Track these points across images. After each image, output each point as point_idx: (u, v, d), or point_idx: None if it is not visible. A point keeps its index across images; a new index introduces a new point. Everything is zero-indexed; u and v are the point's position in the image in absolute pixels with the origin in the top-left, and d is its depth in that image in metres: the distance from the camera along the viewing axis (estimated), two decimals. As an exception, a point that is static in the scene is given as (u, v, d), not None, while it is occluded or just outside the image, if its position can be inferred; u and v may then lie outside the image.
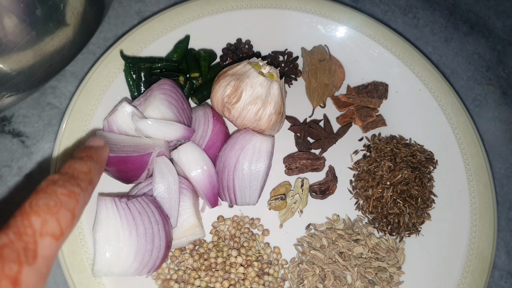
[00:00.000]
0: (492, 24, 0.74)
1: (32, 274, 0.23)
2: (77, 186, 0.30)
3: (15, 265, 0.23)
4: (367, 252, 0.53)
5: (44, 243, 0.25)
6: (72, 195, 0.29)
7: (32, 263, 0.24)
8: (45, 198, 0.27)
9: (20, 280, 0.23)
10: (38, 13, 0.46)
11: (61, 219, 0.27)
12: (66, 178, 0.29)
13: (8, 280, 0.22)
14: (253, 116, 0.53)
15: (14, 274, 0.22)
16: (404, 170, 0.56)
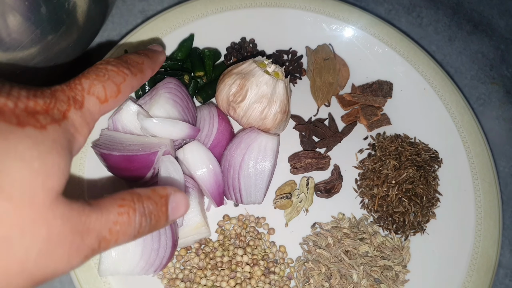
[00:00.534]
0: (496, 23, 0.74)
1: (78, 116, 0.27)
2: (127, 68, 0.33)
3: (65, 104, 0.26)
4: (372, 250, 0.53)
5: (90, 100, 0.28)
6: (120, 73, 0.32)
7: (79, 108, 0.27)
8: (95, 70, 0.31)
9: (67, 116, 0.26)
10: (43, 11, 0.46)
11: (106, 88, 0.30)
12: (118, 61, 0.33)
13: (59, 112, 0.25)
14: (259, 115, 0.53)
15: (63, 109, 0.26)
16: (409, 169, 0.56)
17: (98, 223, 0.25)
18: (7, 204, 0.20)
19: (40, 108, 0.24)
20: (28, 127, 0.23)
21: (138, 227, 0.28)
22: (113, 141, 0.50)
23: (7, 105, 0.23)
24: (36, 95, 0.25)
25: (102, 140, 0.50)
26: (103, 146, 0.49)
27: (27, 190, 0.21)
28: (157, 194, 0.31)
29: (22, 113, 0.23)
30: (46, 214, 0.22)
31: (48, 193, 0.22)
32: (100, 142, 0.50)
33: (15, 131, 0.22)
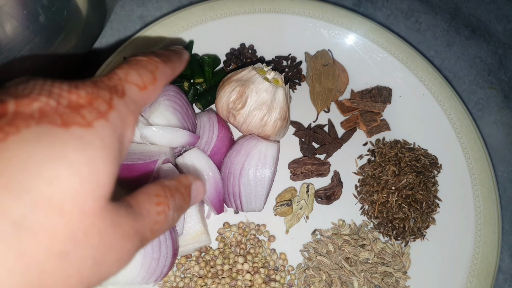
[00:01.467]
0: (493, 28, 0.74)
1: (122, 105, 0.25)
2: (156, 56, 0.32)
3: (108, 93, 0.25)
4: (373, 257, 0.53)
5: (130, 88, 0.27)
6: (151, 61, 0.31)
7: (121, 96, 0.26)
8: (126, 61, 0.30)
9: (112, 105, 0.24)
10: (42, 19, 0.46)
11: (142, 75, 0.29)
12: (146, 52, 0.32)
13: (104, 102, 0.24)
14: (259, 122, 0.53)
15: (107, 99, 0.24)
16: (408, 175, 0.56)
17: (142, 226, 0.25)
18: (59, 219, 0.20)
19: (84, 100, 0.23)
20: (74, 126, 0.21)
21: (171, 222, 0.28)
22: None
23: (49, 104, 0.22)
24: (78, 87, 0.24)
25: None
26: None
27: (78, 201, 0.20)
28: (183, 185, 0.30)
29: (65, 110, 0.22)
30: (97, 224, 0.21)
31: (98, 202, 0.21)
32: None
33: (61, 134, 0.21)
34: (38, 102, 0.21)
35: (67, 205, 0.20)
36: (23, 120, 0.20)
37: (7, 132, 0.19)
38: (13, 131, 0.20)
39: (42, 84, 0.23)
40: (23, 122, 0.20)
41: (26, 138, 0.20)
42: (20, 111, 0.21)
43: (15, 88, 0.22)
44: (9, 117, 0.20)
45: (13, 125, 0.20)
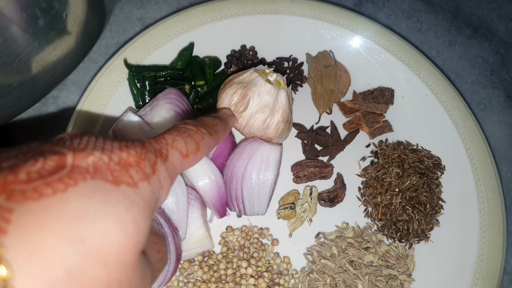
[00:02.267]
0: (495, 27, 0.74)
1: (164, 169, 0.28)
2: (204, 128, 0.35)
3: (153, 155, 0.28)
4: (377, 260, 0.53)
5: (173, 154, 0.30)
6: (198, 132, 0.34)
7: (164, 161, 0.28)
8: (176, 128, 0.33)
9: (156, 168, 0.27)
10: (41, 23, 0.45)
11: (187, 143, 0.32)
12: (196, 122, 0.35)
13: (149, 164, 0.27)
14: (261, 125, 0.52)
15: (152, 162, 0.27)
16: (412, 176, 0.56)
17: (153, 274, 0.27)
18: (103, 270, 0.21)
19: (133, 159, 0.26)
20: (123, 185, 0.24)
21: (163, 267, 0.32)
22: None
23: (102, 159, 0.24)
24: (128, 146, 0.26)
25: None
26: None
27: (120, 254, 0.22)
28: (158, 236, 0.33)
29: (116, 167, 0.24)
30: (131, 275, 0.23)
31: (135, 256, 0.23)
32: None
33: (112, 191, 0.23)
34: (92, 157, 0.24)
35: (111, 257, 0.22)
36: (80, 174, 0.22)
37: (67, 184, 0.21)
38: (72, 183, 0.21)
39: (95, 141, 0.26)
40: (80, 176, 0.22)
41: (83, 191, 0.21)
42: (77, 165, 0.23)
43: (71, 142, 0.25)
44: (67, 169, 0.22)
45: (72, 178, 0.22)
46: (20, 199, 0.20)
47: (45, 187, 0.21)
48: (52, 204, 0.20)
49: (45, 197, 0.20)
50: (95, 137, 0.26)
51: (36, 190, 0.20)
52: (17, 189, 0.20)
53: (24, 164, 0.21)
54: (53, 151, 0.23)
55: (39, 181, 0.21)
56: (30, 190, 0.20)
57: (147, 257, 0.27)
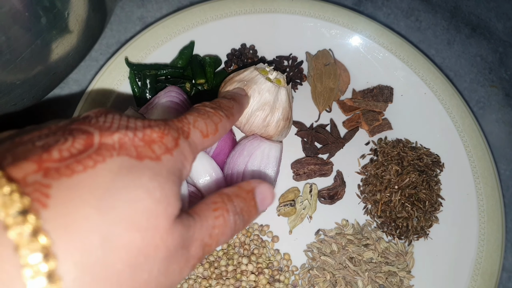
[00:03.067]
0: (493, 26, 0.74)
1: (186, 145, 0.29)
2: (221, 110, 0.37)
3: (176, 132, 0.29)
4: (377, 256, 0.53)
5: (195, 132, 0.31)
6: (216, 114, 0.36)
7: (186, 138, 0.30)
8: (196, 109, 0.35)
9: (178, 144, 0.28)
10: (43, 21, 0.45)
11: (207, 124, 0.33)
12: (214, 105, 0.37)
13: (172, 139, 0.28)
14: (261, 123, 0.52)
15: (175, 137, 0.28)
16: (411, 174, 0.56)
17: (201, 233, 0.27)
18: (137, 234, 0.22)
19: (156, 135, 0.27)
20: (146, 159, 0.25)
21: (233, 225, 0.30)
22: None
23: (128, 135, 0.25)
24: (151, 124, 0.28)
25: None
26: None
27: (152, 219, 0.23)
28: (243, 190, 0.32)
29: (140, 143, 0.26)
30: (166, 239, 0.24)
31: (168, 220, 0.24)
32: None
33: (136, 165, 0.24)
34: (118, 134, 0.25)
35: (143, 222, 0.23)
36: (107, 151, 0.24)
37: (96, 161, 0.23)
38: (100, 160, 0.23)
39: (119, 119, 0.27)
40: (107, 153, 0.24)
41: (110, 167, 0.23)
42: (104, 142, 0.24)
43: (96, 120, 0.26)
44: (95, 147, 0.24)
45: (99, 154, 0.23)
46: (55, 176, 0.21)
47: (77, 164, 0.22)
48: (83, 180, 0.22)
49: (77, 173, 0.22)
50: (119, 115, 0.28)
51: (68, 167, 0.22)
52: (52, 167, 0.22)
53: (56, 144, 0.23)
54: (80, 130, 0.25)
55: (70, 159, 0.22)
56: (64, 167, 0.22)
57: (195, 216, 0.28)
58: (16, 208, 0.19)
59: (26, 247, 0.19)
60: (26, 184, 0.21)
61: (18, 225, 0.19)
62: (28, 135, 0.24)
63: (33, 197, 0.20)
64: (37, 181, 0.21)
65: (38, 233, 0.19)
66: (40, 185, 0.21)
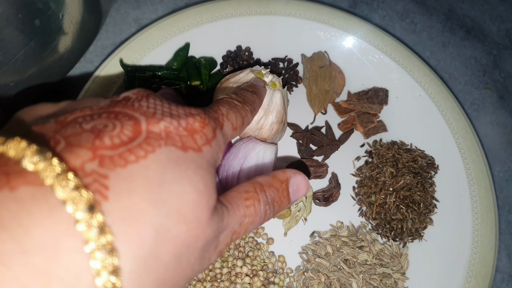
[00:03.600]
0: (488, 29, 0.74)
1: (221, 136, 0.30)
2: (247, 105, 0.37)
3: (214, 123, 0.29)
4: (371, 258, 0.53)
5: (227, 124, 0.32)
6: (243, 108, 0.36)
7: (221, 128, 0.30)
8: (227, 102, 0.35)
9: (216, 134, 0.29)
10: (37, 23, 0.45)
11: (237, 118, 0.34)
12: (240, 99, 0.37)
13: (211, 130, 0.28)
14: (255, 125, 0.52)
15: (213, 127, 0.29)
16: (406, 176, 0.56)
17: (232, 221, 0.28)
18: (183, 226, 0.23)
19: (198, 125, 0.27)
20: (190, 151, 0.25)
21: (263, 215, 0.31)
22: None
23: (173, 124, 0.26)
24: (192, 113, 0.28)
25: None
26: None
27: (196, 211, 0.24)
28: (278, 180, 0.33)
29: (184, 133, 0.26)
30: (205, 230, 0.25)
31: (208, 211, 0.25)
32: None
33: (182, 157, 0.25)
34: (164, 122, 0.25)
35: (189, 214, 0.24)
36: (156, 140, 0.24)
37: (147, 151, 0.23)
38: (150, 150, 0.23)
39: (161, 105, 0.27)
40: (156, 142, 0.24)
41: (159, 158, 0.23)
42: (151, 130, 0.24)
43: (139, 104, 0.26)
44: (143, 135, 0.24)
45: (149, 144, 0.24)
46: (110, 166, 0.21)
47: (129, 153, 0.22)
48: (137, 171, 0.22)
49: (130, 164, 0.22)
50: (160, 99, 0.28)
51: (121, 156, 0.22)
52: (106, 155, 0.22)
53: (105, 129, 0.23)
54: (126, 114, 0.25)
55: (122, 148, 0.23)
56: (117, 156, 0.22)
57: (227, 205, 0.28)
58: (85, 203, 0.19)
59: (94, 242, 0.19)
60: (85, 174, 0.21)
61: (87, 220, 0.19)
62: (71, 114, 0.24)
63: (94, 188, 0.20)
64: (95, 171, 0.21)
65: (104, 229, 0.20)
66: (99, 175, 0.21)
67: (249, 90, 0.42)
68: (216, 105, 0.33)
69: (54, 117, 0.24)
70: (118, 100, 0.27)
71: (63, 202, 0.19)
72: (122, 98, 0.27)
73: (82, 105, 0.26)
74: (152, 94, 0.28)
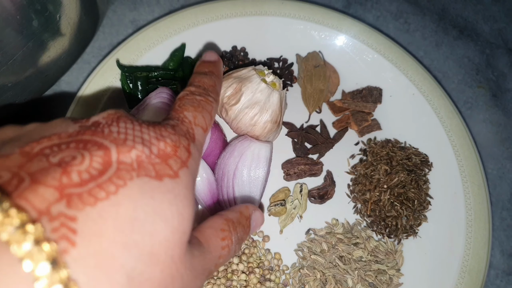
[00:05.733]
0: (480, 28, 0.75)
1: (195, 150, 0.28)
2: (209, 95, 0.34)
3: (185, 139, 0.27)
4: (366, 255, 0.54)
5: (198, 131, 0.30)
6: (208, 102, 0.33)
7: (193, 141, 0.28)
8: (189, 100, 0.32)
9: (190, 150, 0.27)
10: (35, 24, 0.46)
11: (205, 117, 0.31)
12: (200, 90, 0.34)
13: (184, 148, 0.26)
14: (249, 121, 0.53)
15: (186, 144, 0.27)
16: (400, 173, 0.57)
17: (210, 263, 0.27)
18: (157, 268, 0.22)
19: (170, 149, 0.25)
20: (165, 178, 0.24)
21: (232, 254, 0.30)
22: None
23: (144, 152, 0.24)
24: (163, 134, 0.26)
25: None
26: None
27: (169, 250, 0.23)
28: (244, 216, 0.33)
29: (156, 160, 0.24)
30: (180, 269, 0.24)
31: (182, 249, 0.24)
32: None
33: (157, 187, 0.23)
34: (135, 151, 0.23)
35: (162, 255, 0.22)
36: (127, 172, 0.22)
37: (117, 185, 0.22)
38: (121, 184, 0.22)
39: (132, 128, 0.25)
40: (127, 174, 0.22)
41: (131, 192, 0.22)
42: (122, 161, 0.23)
43: (109, 130, 0.24)
44: (114, 167, 0.22)
45: (120, 177, 0.22)
46: (79, 205, 0.20)
47: (99, 190, 0.21)
48: (107, 210, 0.21)
49: (100, 201, 0.21)
50: (130, 121, 0.26)
51: (91, 193, 0.21)
52: (74, 193, 0.20)
53: (73, 162, 0.21)
54: (95, 143, 0.23)
55: (91, 183, 0.21)
56: (86, 194, 0.20)
57: (204, 244, 0.27)
58: (46, 258, 0.18)
59: None
60: (51, 217, 0.19)
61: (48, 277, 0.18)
62: (38, 143, 0.23)
63: (61, 234, 0.19)
64: (62, 213, 0.19)
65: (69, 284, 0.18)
66: (66, 218, 0.19)
67: (204, 72, 0.38)
68: (180, 110, 0.30)
69: (19, 145, 0.22)
70: (87, 125, 0.25)
71: (20, 259, 0.17)
72: (91, 123, 0.25)
73: (50, 131, 0.24)
74: (123, 116, 0.26)
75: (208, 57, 0.42)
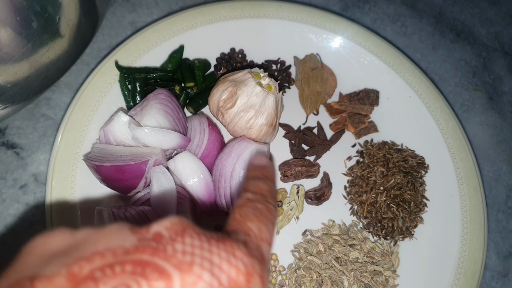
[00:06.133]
0: (477, 32, 0.76)
1: (267, 274, 0.24)
2: (268, 202, 0.31)
3: (259, 265, 0.23)
4: (362, 256, 0.54)
5: (265, 248, 0.26)
6: (269, 210, 0.30)
7: (265, 264, 0.24)
8: (251, 209, 0.29)
9: (264, 279, 0.23)
10: (34, 25, 0.46)
11: (269, 229, 0.28)
12: (259, 197, 0.31)
13: (258, 277, 0.23)
14: (244, 124, 0.53)
15: (260, 271, 0.23)
16: (396, 175, 0.57)
17: None
18: None
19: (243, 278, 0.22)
20: None
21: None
22: (105, 153, 0.50)
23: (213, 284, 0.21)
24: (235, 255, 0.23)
25: (94, 153, 0.51)
26: (95, 158, 0.49)
27: None
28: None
29: None
30: None
31: None
32: (91, 155, 0.50)
33: None
34: (202, 283, 0.20)
35: None
36: None
37: None
38: None
39: (200, 246, 0.22)
40: None
41: None
42: None
43: (173, 249, 0.21)
44: None
45: None
46: None
47: None
48: None
49: None
50: (197, 235, 0.23)
51: None
52: None
53: None
54: (156, 267, 0.20)
55: None
56: None
57: None
58: None
59: None
60: None
61: None
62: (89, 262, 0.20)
63: None
64: None
65: None
66: None
67: (258, 177, 0.35)
68: (243, 220, 0.27)
69: (67, 263, 0.20)
70: (147, 238, 0.22)
71: None
72: (153, 236, 0.22)
73: (103, 243, 0.21)
74: (189, 227, 0.23)
75: (258, 161, 0.39)
